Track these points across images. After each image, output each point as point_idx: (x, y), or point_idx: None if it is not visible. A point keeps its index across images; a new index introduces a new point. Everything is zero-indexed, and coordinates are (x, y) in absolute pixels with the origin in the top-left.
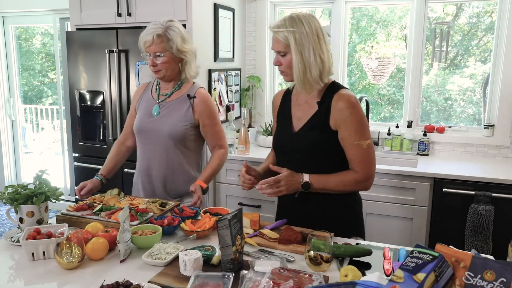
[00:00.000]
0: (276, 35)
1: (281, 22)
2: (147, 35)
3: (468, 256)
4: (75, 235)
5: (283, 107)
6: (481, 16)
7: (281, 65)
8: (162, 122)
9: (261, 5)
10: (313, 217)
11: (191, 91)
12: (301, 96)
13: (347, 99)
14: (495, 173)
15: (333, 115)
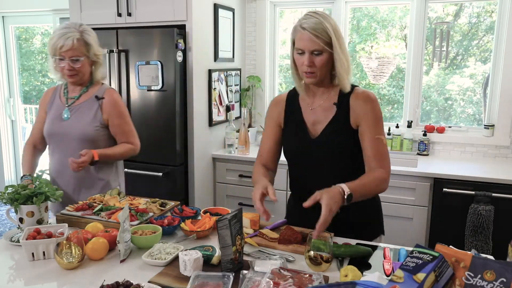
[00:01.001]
0: (313, 32)
1: (314, 18)
2: (65, 39)
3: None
4: (75, 235)
5: (291, 113)
6: (481, 16)
7: (314, 65)
8: (72, 125)
9: (261, 5)
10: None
11: (99, 92)
12: (315, 100)
13: (367, 94)
14: (495, 173)
15: (353, 112)
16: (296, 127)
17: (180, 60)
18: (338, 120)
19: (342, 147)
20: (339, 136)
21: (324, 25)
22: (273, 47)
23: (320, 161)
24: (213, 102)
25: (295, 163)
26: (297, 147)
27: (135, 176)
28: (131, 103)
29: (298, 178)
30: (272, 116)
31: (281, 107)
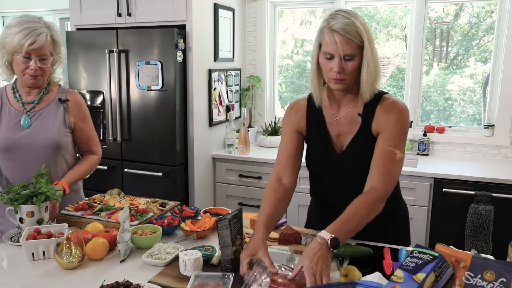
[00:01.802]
0: (345, 35)
1: (345, 18)
2: (36, 35)
3: (468, 256)
4: (75, 235)
5: (313, 123)
6: (481, 16)
7: (343, 71)
8: (36, 134)
9: (261, 5)
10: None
11: (62, 95)
12: (340, 109)
13: (393, 104)
14: (495, 173)
15: (376, 121)
16: (319, 139)
17: (180, 60)
18: (363, 133)
19: (369, 161)
20: (365, 150)
21: (357, 26)
22: (273, 47)
23: (346, 175)
24: (213, 102)
25: (319, 175)
26: (322, 161)
27: (135, 176)
28: (131, 103)
29: (321, 189)
30: (291, 122)
31: (302, 115)
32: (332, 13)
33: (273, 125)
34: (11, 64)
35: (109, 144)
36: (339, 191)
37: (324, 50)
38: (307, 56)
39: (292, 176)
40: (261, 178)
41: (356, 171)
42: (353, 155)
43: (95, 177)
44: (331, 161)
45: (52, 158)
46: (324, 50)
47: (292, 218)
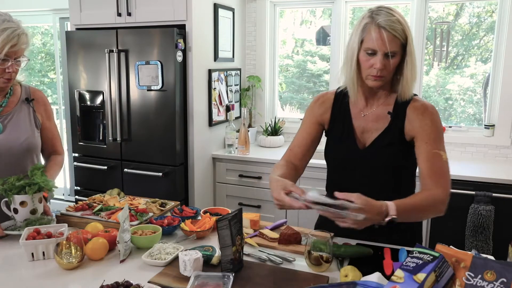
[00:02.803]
0: (391, 32)
1: (391, 15)
2: (18, 36)
3: (468, 256)
4: (74, 235)
5: (338, 116)
6: (481, 16)
7: (384, 68)
8: (11, 137)
9: (261, 5)
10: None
11: (26, 94)
12: (368, 106)
13: (426, 106)
14: (495, 173)
15: (409, 123)
16: (342, 133)
17: (180, 60)
18: (391, 131)
19: (392, 161)
20: (391, 149)
21: (402, 24)
22: (273, 47)
23: (366, 173)
24: (213, 102)
25: (337, 170)
26: (343, 156)
27: (135, 176)
28: (131, 103)
29: (337, 186)
30: (314, 113)
31: (327, 107)
32: (374, 9)
33: (273, 125)
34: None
35: (109, 144)
36: (355, 189)
37: (367, 46)
38: (307, 56)
39: (301, 163)
40: (261, 178)
41: (375, 170)
42: (376, 152)
43: (95, 177)
44: (352, 156)
45: (26, 159)
46: (367, 46)
47: (292, 218)
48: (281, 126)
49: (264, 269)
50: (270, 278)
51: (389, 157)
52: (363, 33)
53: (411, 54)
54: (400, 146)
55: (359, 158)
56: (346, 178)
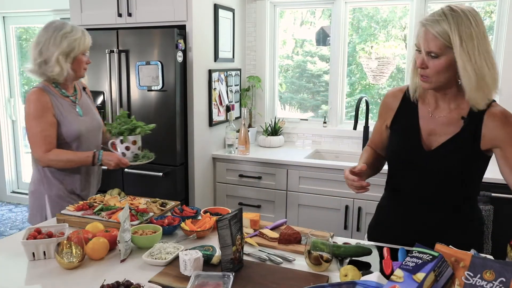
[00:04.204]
0: (431, 31)
1: (440, 15)
2: (88, 35)
3: (467, 256)
4: (75, 235)
5: (403, 114)
6: None
7: (427, 68)
8: (91, 119)
9: (261, 5)
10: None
11: (80, 84)
12: (438, 107)
13: (505, 114)
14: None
15: (488, 133)
16: (407, 133)
17: (180, 60)
18: (462, 138)
19: (459, 167)
20: (460, 155)
21: (448, 25)
22: (273, 47)
23: (429, 176)
24: (213, 102)
25: (397, 168)
26: (407, 156)
27: (135, 176)
28: (132, 103)
29: (397, 184)
30: (382, 110)
31: (395, 104)
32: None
33: (273, 125)
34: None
35: None
36: (415, 192)
37: (415, 42)
38: (307, 56)
39: (382, 150)
40: (261, 178)
41: (438, 175)
42: (442, 156)
43: None
44: (415, 158)
45: (98, 136)
46: (415, 42)
47: (292, 218)
48: (281, 126)
49: (264, 269)
50: (270, 277)
51: (456, 163)
52: (416, 31)
53: (462, 58)
54: (471, 153)
55: (422, 160)
56: (406, 178)
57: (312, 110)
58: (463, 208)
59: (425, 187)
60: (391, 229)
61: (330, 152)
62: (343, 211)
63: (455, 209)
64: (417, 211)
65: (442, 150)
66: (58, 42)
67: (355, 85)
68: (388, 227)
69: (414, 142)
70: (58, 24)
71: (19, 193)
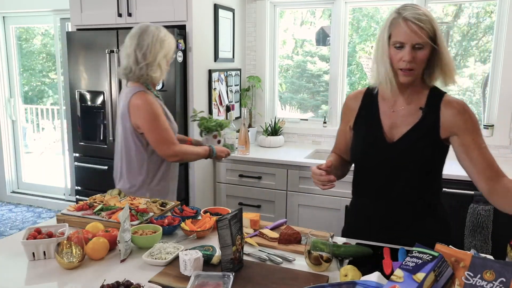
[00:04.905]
0: (419, 24)
1: (416, 9)
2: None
3: (467, 256)
4: (75, 235)
5: (364, 113)
6: (480, 17)
7: (413, 61)
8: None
9: (261, 5)
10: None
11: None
12: (398, 101)
13: (461, 103)
14: None
15: (446, 122)
16: (370, 129)
17: (180, 60)
18: (422, 127)
19: (422, 156)
20: (421, 145)
21: (428, 16)
22: (273, 47)
23: (393, 168)
24: (213, 102)
25: (363, 166)
26: (370, 150)
27: None
28: None
29: (364, 183)
30: (345, 112)
31: (356, 105)
32: (400, 6)
33: (273, 125)
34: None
35: (109, 144)
36: (382, 187)
37: (395, 39)
38: (307, 56)
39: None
40: (261, 178)
41: (403, 166)
42: (405, 147)
43: (95, 177)
44: (379, 151)
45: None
46: (395, 39)
47: (292, 218)
48: (281, 126)
49: (264, 269)
50: (270, 277)
51: (418, 152)
52: (390, 29)
53: (442, 46)
54: (431, 142)
55: (387, 152)
56: (373, 175)
57: (312, 110)
58: (427, 200)
59: (391, 180)
60: (363, 229)
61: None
62: (343, 211)
63: (419, 201)
64: (384, 205)
65: (404, 140)
66: (159, 46)
67: (355, 85)
68: (359, 228)
69: (377, 136)
70: (154, 28)
71: (19, 193)
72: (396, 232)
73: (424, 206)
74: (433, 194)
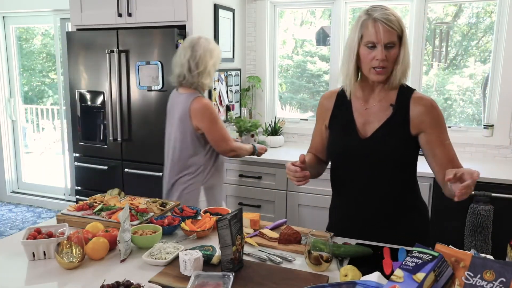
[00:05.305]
0: (389, 24)
1: (384, 9)
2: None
3: (467, 256)
4: (75, 235)
5: (338, 111)
6: (480, 17)
7: (385, 59)
8: None
9: (261, 5)
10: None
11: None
12: (370, 99)
13: (429, 100)
14: (494, 173)
15: (415, 119)
16: (344, 126)
17: None
18: (393, 123)
19: (394, 151)
20: (393, 139)
21: (397, 17)
22: (273, 47)
23: (368, 164)
24: (213, 102)
25: (339, 163)
26: (344, 147)
27: (135, 176)
28: (132, 103)
29: (341, 179)
30: (319, 112)
31: (330, 104)
32: (369, 7)
33: (273, 125)
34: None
35: (109, 144)
36: (356, 182)
37: (366, 40)
38: (307, 56)
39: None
40: (261, 178)
41: (379, 160)
42: (377, 142)
43: (95, 177)
44: (353, 147)
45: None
46: (366, 40)
47: (292, 218)
48: (281, 126)
49: (264, 269)
50: (270, 277)
51: (391, 146)
52: (362, 29)
53: (405, 45)
54: (402, 137)
55: (360, 148)
56: (348, 171)
57: (312, 110)
58: (403, 196)
59: (366, 177)
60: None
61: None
62: None
63: (395, 197)
64: (363, 202)
65: (377, 135)
66: (209, 56)
67: None
68: (341, 226)
69: (351, 132)
70: (204, 39)
71: (19, 193)
72: (378, 228)
73: (402, 202)
74: (410, 189)
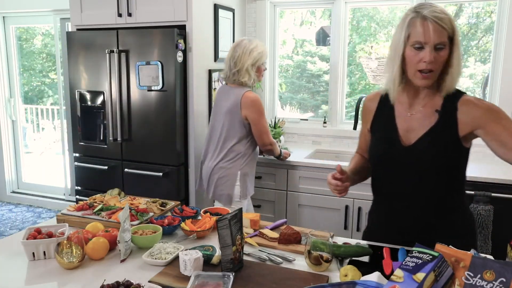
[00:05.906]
0: (440, 23)
1: (434, 7)
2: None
3: (467, 256)
4: (75, 235)
5: (380, 115)
6: (480, 17)
7: (434, 61)
8: None
9: (261, 5)
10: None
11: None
12: (414, 105)
13: (478, 98)
14: (494, 173)
15: (465, 117)
16: (386, 132)
17: (180, 60)
18: (439, 130)
19: (440, 158)
20: (439, 147)
21: (448, 15)
22: (273, 47)
23: (410, 171)
24: (213, 102)
25: (380, 169)
26: (385, 154)
27: (135, 176)
28: (132, 103)
29: (381, 186)
30: (363, 114)
31: (373, 107)
32: (416, 5)
33: (273, 125)
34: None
35: (109, 144)
36: (398, 190)
37: (414, 39)
38: (307, 56)
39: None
40: (261, 178)
41: (420, 169)
42: (421, 150)
43: (95, 177)
44: (395, 154)
45: None
46: (414, 39)
47: (292, 218)
48: (281, 126)
49: (264, 269)
50: (270, 277)
51: (436, 154)
52: (409, 28)
53: (458, 46)
54: (449, 144)
55: (402, 155)
56: (389, 177)
57: (312, 110)
58: (449, 206)
59: (409, 183)
60: (382, 233)
61: (330, 152)
62: (343, 211)
63: (441, 207)
64: (405, 208)
65: (421, 143)
66: (247, 56)
67: (355, 85)
68: (379, 231)
69: (392, 139)
70: (247, 41)
71: (19, 193)
72: (419, 234)
73: (446, 208)
74: (455, 195)
